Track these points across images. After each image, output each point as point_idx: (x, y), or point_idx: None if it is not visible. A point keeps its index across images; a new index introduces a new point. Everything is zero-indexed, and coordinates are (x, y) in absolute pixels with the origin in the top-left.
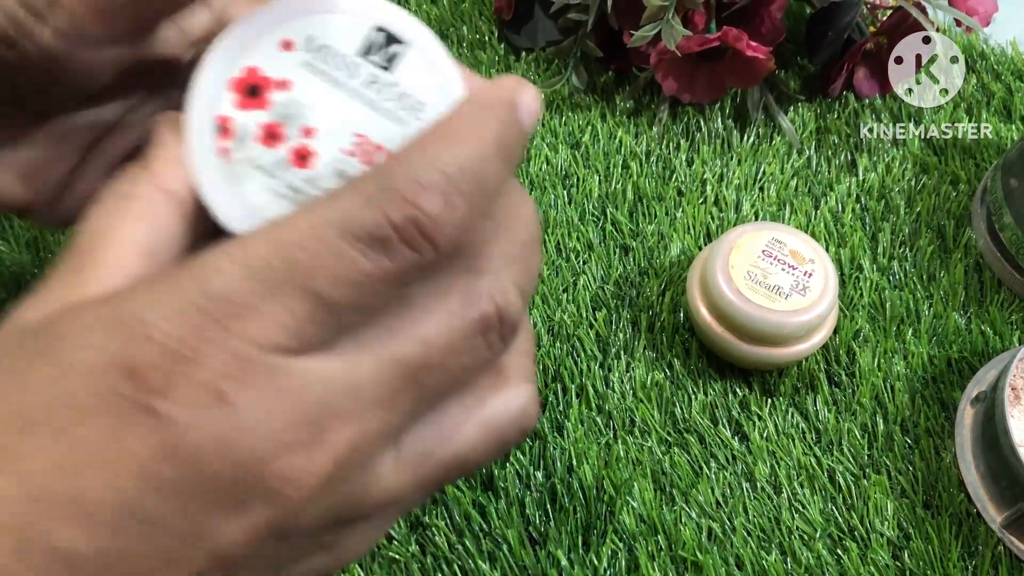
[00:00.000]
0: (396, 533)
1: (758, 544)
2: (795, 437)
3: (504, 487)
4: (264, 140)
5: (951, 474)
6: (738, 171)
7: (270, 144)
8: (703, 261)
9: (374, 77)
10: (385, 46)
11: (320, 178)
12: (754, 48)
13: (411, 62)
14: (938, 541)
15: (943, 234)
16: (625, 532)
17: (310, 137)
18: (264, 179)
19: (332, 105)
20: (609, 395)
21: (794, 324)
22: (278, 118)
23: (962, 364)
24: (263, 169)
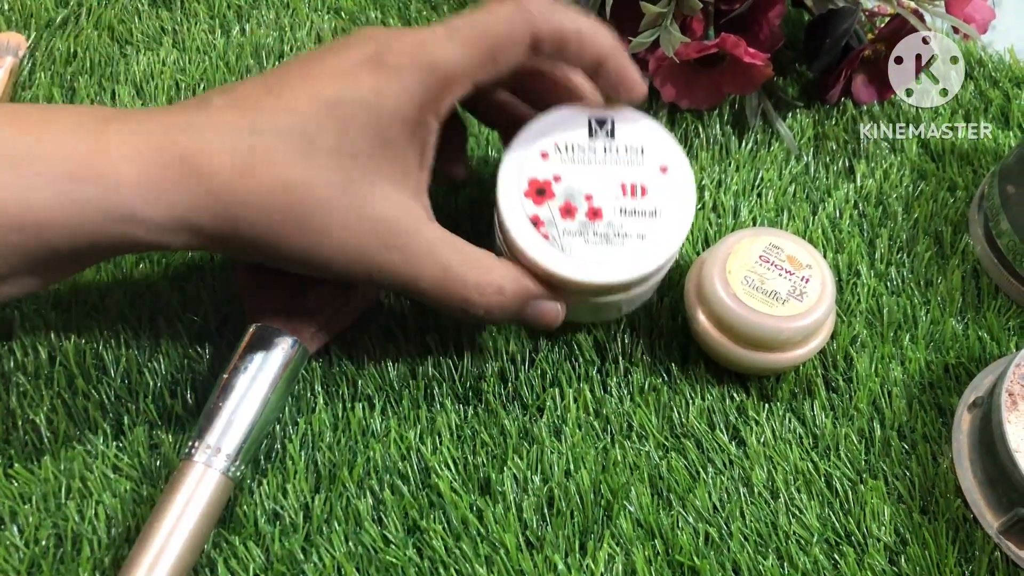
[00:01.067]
0: (393, 537)
1: (755, 549)
2: (792, 442)
3: (501, 491)
4: (565, 216)
5: (948, 480)
6: (736, 177)
7: (571, 217)
8: (701, 266)
9: (607, 146)
10: (602, 123)
11: (612, 221)
12: (752, 55)
13: (621, 126)
14: (935, 547)
15: (940, 240)
16: (622, 536)
17: (592, 200)
18: (579, 239)
19: (592, 175)
20: (607, 400)
21: (791, 329)
22: (566, 199)
23: (959, 370)
24: (575, 233)
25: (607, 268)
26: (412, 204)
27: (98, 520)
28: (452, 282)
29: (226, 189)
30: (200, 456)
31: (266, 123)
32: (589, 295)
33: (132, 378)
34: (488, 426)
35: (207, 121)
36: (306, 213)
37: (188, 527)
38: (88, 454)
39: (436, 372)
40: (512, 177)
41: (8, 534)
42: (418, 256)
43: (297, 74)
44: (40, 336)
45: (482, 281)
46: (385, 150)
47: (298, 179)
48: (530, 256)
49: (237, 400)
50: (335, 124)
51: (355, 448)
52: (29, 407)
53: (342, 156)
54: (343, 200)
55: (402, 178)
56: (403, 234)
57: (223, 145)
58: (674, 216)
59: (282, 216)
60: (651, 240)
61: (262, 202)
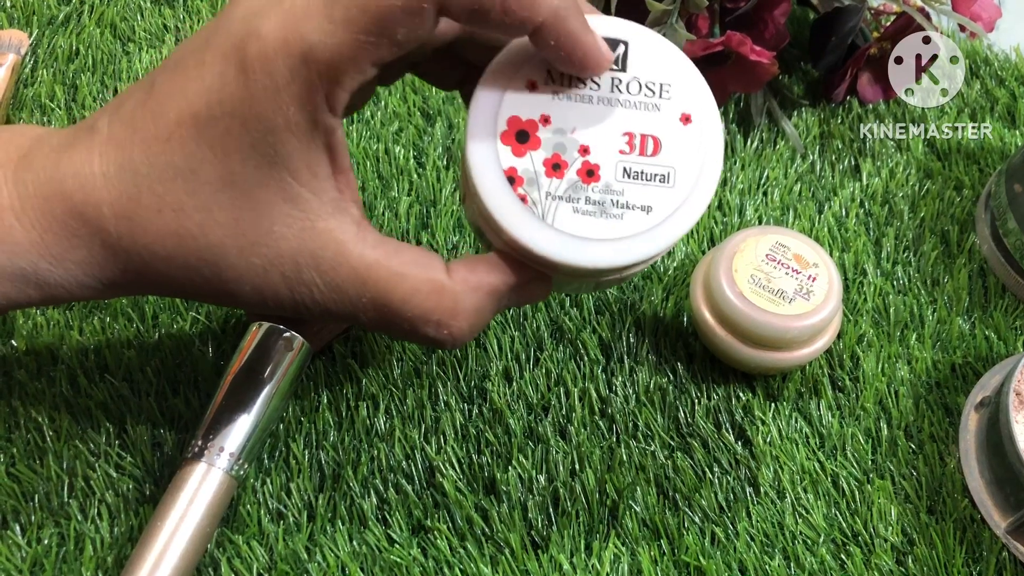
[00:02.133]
0: (398, 536)
1: (761, 549)
2: (799, 442)
3: (506, 491)
4: (551, 172)
5: (955, 480)
6: (741, 176)
7: (559, 174)
8: (707, 265)
9: (616, 81)
10: (613, 46)
11: (612, 185)
12: (758, 53)
13: (637, 55)
14: (942, 547)
15: (947, 239)
16: (628, 536)
17: (588, 154)
18: (567, 206)
19: (591, 118)
20: (612, 399)
21: (798, 328)
22: (555, 148)
23: (966, 369)
24: (562, 197)
25: (598, 249)
26: (329, 226)
27: (101, 519)
28: (398, 318)
29: (120, 245)
30: (203, 455)
31: (145, 160)
32: (575, 276)
33: (134, 377)
34: (493, 425)
35: (93, 160)
36: (208, 261)
37: (191, 526)
38: (91, 453)
39: (440, 371)
40: (486, 113)
41: (11, 533)
42: (344, 291)
43: (169, 81)
44: (42, 334)
45: (436, 311)
46: (276, 169)
47: (187, 227)
48: (502, 226)
49: (240, 399)
50: (212, 149)
51: (359, 447)
52: (31, 405)
53: (227, 188)
54: (239, 242)
55: (309, 196)
56: (322, 268)
57: (108, 194)
58: (692, 185)
59: (185, 267)
60: (658, 215)
61: (159, 256)
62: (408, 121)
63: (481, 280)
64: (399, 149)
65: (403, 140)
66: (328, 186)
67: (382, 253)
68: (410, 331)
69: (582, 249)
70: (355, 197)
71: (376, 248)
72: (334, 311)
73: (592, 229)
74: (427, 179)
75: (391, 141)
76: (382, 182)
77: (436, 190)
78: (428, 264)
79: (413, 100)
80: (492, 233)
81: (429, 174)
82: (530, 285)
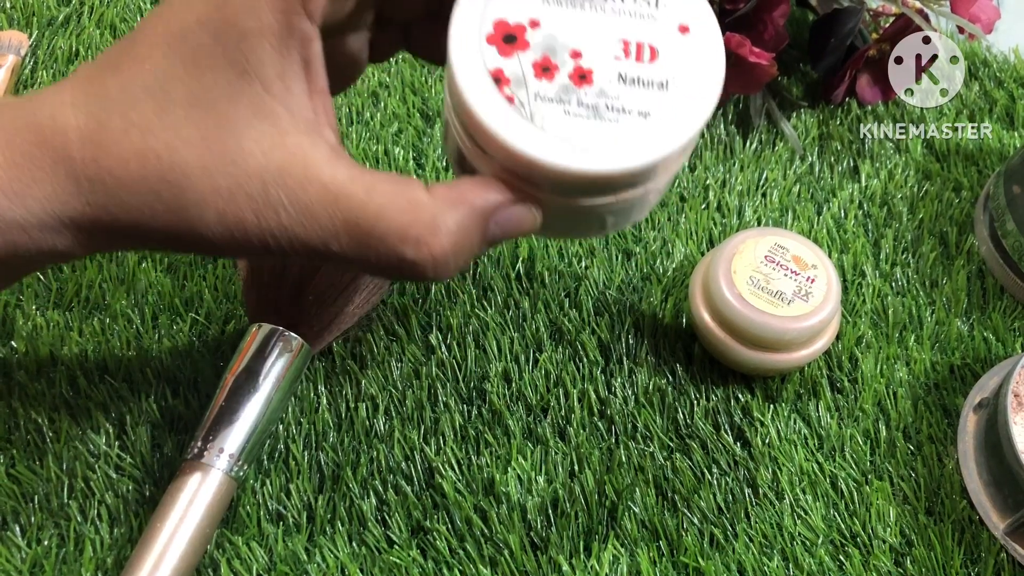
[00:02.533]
0: (397, 538)
1: (760, 550)
2: (797, 443)
3: (506, 492)
4: (540, 74)
5: (954, 481)
6: (741, 177)
7: (548, 76)
8: (706, 266)
9: None
10: None
11: (606, 90)
12: (757, 54)
13: None
14: (940, 548)
15: (946, 241)
16: (627, 538)
17: (580, 58)
18: (557, 108)
19: (583, 24)
20: (611, 400)
21: (797, 330)
22: (544, 51)
23: (964, 371)
24: (552, 99)
25: (592, 152)
26: (300, 143)
27: (100, 520)
28: (372, 238)
29: (85, 174)
30: (203, 456)
31: (118, 85)
32: (564, 192)
33: (134, 378)
34: (492, 426)
35: (64, 92)
36: (171, 182)
37: (191, 527)
38: (91, 454)
39: (440, 372)
40: (471, 16)
41: (10, 534)
42: (313, 213)
43: (152, 14)
44: (42, 335)
45: (414, 225)
46: (248, 82)
47: (153, 146)
48: (485, 124)
49: (240, 400)
50: (185, 64)
51: (359, 448)
52: (31, 406)
53: (196, 105)
54: (205, 160)
55: (281, 111)
56: (289, 186)
57: (76, 120)
58: (693, 93)
59: (149, 194)
60: (657, 120)
61: (122, 181)
62: (408, 122)
63: (463, 195)
64: (399, 150)
65: (403, 141)
66: (302, 104)
67: (356, 172)
68: (387, 255)
69: (572, 153)
70: (332, 123)
71: (350, 168)
72: (303, 238)
73: (584, 133)
74: (427, 180)
75: (391, 142)
76: None
77: None
78: (405, 181)
79: (413, 101)
80: (473, 145)
81: (429, 175)
82: (518, 208)
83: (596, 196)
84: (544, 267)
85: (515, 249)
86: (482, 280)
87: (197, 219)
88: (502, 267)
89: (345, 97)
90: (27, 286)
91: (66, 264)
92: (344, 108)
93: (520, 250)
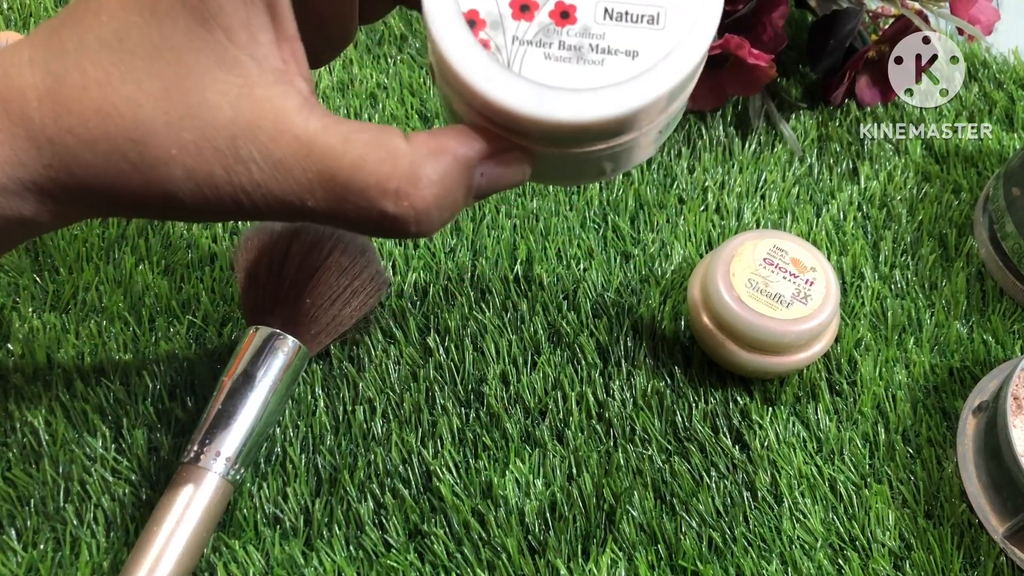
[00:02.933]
0: (394, 541)
1: (759, 554)
2: (796, 446)
3: (503, 495)
4: (519, 14)
5: (953, 484)
6: (739, 179)
7: (527, 16)
8: (704, 269)
9: None
10: None
11: (590, 28)
12: (756, 56)
13: None
14: (940, 551)
15: (945, 243)
16: (625, 541)
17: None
18: (537, 52)
19: None
20: (609, 403)
21: (795, 333)
22: None
23: (964, 373)
24: (533, 42)
25: (574, 100)
26: (270, 94)
27: (97, 524)
28: (350, 192)
29: (45, 134)
30: (200, 459)
31: (75, 37)
32: (551, 142)
33: (131, 381)
34: (490, 429)
35: (23, 51)
36: (135, 139)
37: (187, 531)
38: (87, 457)
39: (437, 375)
40: None
41: (6, 538)
42: (286, 167)
43: None
44: (38, 338)
45: (393, 176)
46: (209, 30)
47: (113, 101)
48: (459, 73)
49: (237, 403)
50: (143, 13)
51: (356, 451)
52: (27, 409)
53: (156, 55)
54: (168, 114)
55: (247, 61)
56: (260, 140)
57: (33, 77)
58: (686, 28)
59: (113, 153)
60: (646, 60)
61: (84, 140)
62: (406, 124)
63: (444, 144)
64: None
65: None
66: (270, 53)
67: (331, 122)
68: (366, 209)
69: (554, 100)
70: (304, 72)
71: (324, 118)
72: (277, 195)
73: (566, 78)
74: None
75: None
76: None
77: None
78: (383, 130)
79: (411, 103)
80: (453, 92)
81: None
82: (504, 157)
83: (586, 144)
84: (542, 269)
85: (513, 251)
86: (480, 282)
87: (166, 178)
88: (500, 269)
89: (343, 99)
90: (24, 288)
91: (42, 235)
92: (343, 110)
93: (518, 252)
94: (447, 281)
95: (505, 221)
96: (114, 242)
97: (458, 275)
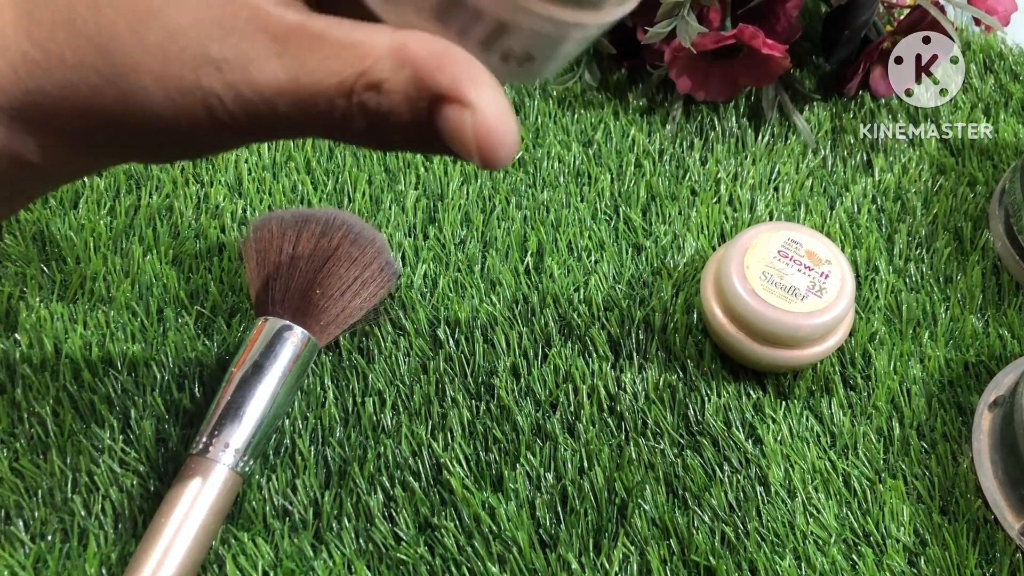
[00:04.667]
0: (404, 534)
1: (772, 549)
2: (810, 440)
3: (514, 488)
4: None
5: (968, 480)
6: (752, 171)
7: None
8: (717, 261)
9: None
10: None
11: None
12: (770, 46)
13: None
14: (955, 547)
15: (960, 236)
16: (637, 535)
17: None
18: None
19: None
20: (621, 396)
21: (810, 326)
22: None
23: (979, 368)
24: None
25: None
26: None
27: (105, 515)
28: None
29: (19, 53)
30: (208, 451)
31: None
32: None
33: (139, 371)
34: (500, 422)
35: None
36: (103, 50)
37: (196, 523)
38: (95, 448)
39: (448, 367)
40: None
41: (14, 529)
42: (258, 62)
43: None
44: (46, 328)
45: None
46: None
47: (78, 7)
48: None
49: (246, 394)
50: None
51: (365, 444)
52: (35, 400)
53: None
54: (132, 14)
55: None
56: (229, 39)
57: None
58: None
59: (83, 67)
60: None
61: (57, 55)
62: None
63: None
64: None
65: None
66: None
67: (305, 18)
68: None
69: None
70: None
71: (302, 12)
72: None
73: None
74: (434, 173)
75: None
76: (389, 175)
77: (444, 184)
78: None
79: None
80: None
81: (436, 168)
82: None
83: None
84: (553, 261)
85: (524, 243)
86: (490, 274)
87: (138, 88)
88: (511, 261)
89: None
90: (31, 278)
91: (41, 192)
92: None
93: (529, 244)
94: (457, 272)
95: (515, 212)
96: (122, 232)
97: (468, 266)
